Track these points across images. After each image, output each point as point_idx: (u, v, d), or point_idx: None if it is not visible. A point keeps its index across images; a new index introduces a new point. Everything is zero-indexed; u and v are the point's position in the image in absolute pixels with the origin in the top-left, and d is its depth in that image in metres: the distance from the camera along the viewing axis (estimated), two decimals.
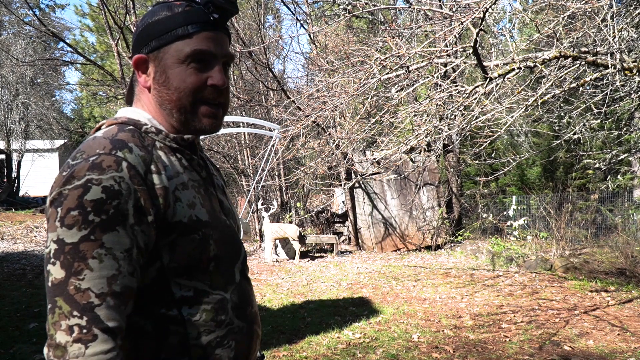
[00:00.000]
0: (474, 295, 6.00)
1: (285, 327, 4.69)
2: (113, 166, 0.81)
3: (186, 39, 0.91)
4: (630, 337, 4.29)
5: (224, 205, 1.04)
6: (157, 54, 0.93)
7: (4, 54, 15.83)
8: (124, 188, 0.80)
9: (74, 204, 0.78)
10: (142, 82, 0.95)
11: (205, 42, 0.92)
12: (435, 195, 10.80)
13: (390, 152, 5.26)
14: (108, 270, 0.79)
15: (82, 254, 0.78)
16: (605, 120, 6.71)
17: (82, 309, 0.77)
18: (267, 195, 12.67)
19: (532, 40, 4.44)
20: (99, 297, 0.78)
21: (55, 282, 0.78)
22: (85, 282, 0.77)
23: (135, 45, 0.96)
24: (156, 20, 0.93)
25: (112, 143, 0.84)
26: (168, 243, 0.87)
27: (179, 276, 0.89)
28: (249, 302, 1.02)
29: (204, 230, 0.91)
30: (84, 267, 0.77)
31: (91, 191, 0.78)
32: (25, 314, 5.10)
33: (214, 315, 0.91)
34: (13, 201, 16.14)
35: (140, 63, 0.94)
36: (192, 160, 0.97)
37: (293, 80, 14.40)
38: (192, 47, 0.91)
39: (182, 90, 0.92)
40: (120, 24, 10.44)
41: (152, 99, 0.96)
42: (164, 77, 0.93)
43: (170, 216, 0.87)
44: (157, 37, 0.92)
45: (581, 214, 9.76)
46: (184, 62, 0.91)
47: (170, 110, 0.94)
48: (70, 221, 0.78)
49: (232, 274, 0.98)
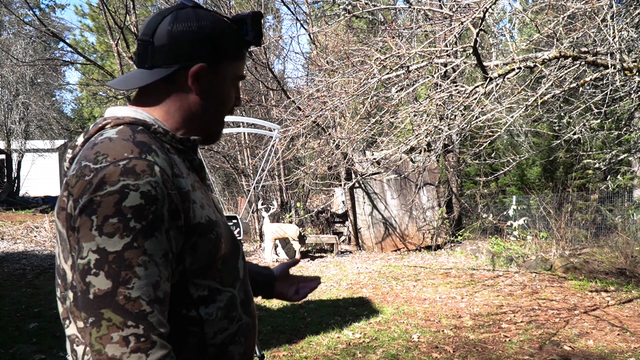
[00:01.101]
0: (474, 295, 6.00)
1: (285, 327, 4.69)
2: (147, 171, 0.79)
3: (240, 60, 0.99)
4: (630, 337, 4.29)
5: (216, 204, 1.05)
6: (216, 68, 0.95)
7: (4, 54, 15.83)
8: (159, 193, 0.79)
9: (112, 211, 0.76)
10: (196, 90, 0.95)
11: (244, 66, 1.02)
12: (435, 195, 10.81)
13: (390, 152, 5.26)
14: (152, 277, 0.78)
15: (128, 262, 0.76)
16: (605, 120, 6.71)
17: (135, 318, 0.75)
18: (267, 195, 12.68)
19: (532, 40, 4.44)
20: (149, 304, 0.76)
21: (99, 293, 0.75)
22: (135, 290, 0.76)
23: (183, 48, 0.92)
24: (220, 34, 0.94)
25: (138, 146, 0.82)
26: (190, 245, 0.87)
27: (196, 276, 0.89)
28: (251, 297, 1.04)
29: (217, 230, 0.91)
30: (132, 276, 0.76)
31: (129, 197, 0.76)
32: (25, 314, 5.10)
33: (227, 313, 0.92)
34: (13, 201, 16.14)
35: (199, 72, 0.93)
36: (194, 161, 0.98)
37: (293, 80, 14.42)
38: (242, 70, 1.01)
39: (225, 106, 1.00)
40: (120, 24, 10.44)
41: (194, 107, 0.96)
42: (216, 90, 0.97)
43: (192, 218, 0.86)
44: (223, 51, 0.95)
45: (581, 214, 9.76)
46: (234, 81, 0.99)
47: (210, 122, 1.00)
48: (110, 229, 0.75)
49: (237, 269, 0.99)
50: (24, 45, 16.50)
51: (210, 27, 0.94)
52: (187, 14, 0.93)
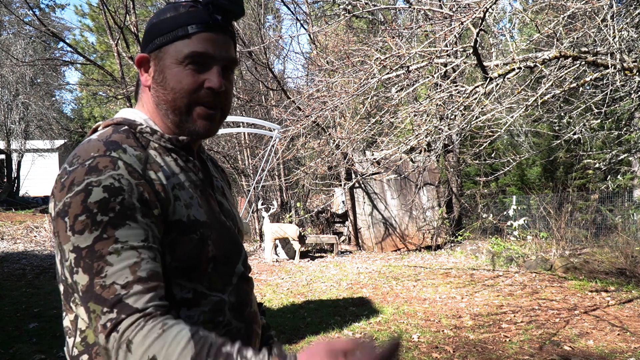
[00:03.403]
0: (474, 295, 6.00)
1: (285, 327, 4.69)
2: (109, 166, 0.81)
3: (185, 39, 0.90)
4: (630, 337, 4.29)
5: (224, 207, 1.03)
6: (158, 53, 0.93)
7: (4, 54, 15.83)
8: (124, 184, 0.80)
9: (80, 209, 0.78)
10: (143, 81, 0.96)
11: (204, 43, 0.91)
12: (435, 195, 10.80)
13: (390, 152, 5.26)
14: (128, 260, 0.78)
15: (99, 253, 0.77)
16: (605, 120, 6.71)
17: (111, 304, 0.76)
18: (267, 195, 12.67)
19: (532, 40, 4.44)
20: (125, 287, 0.77)
21: (83, 289, 0.78)
22: (109, 277, 0.77)
23: (141, 45, 0.97)
24: (161, 20, 0.93)
25: (106, 145, 0.84)
26: (169, 242, 0.87)
27: (180, 277, 0.89)
28: (248, 302, 1.01)
29: (202, 231, 0.90)
30: (103, 265, 0.77)
31: (93, 193, 0.78)
32: (25, 314, 5.10)
33: (211, 317, 0.91)
34: (13, 201, 16.14)
35: (142, 62, 0.94)
36: (189, 162, 0.97)
37: (293, 80, 14.41)
38: (191, 48, 0.90)
39: (177, 91, 0.91)
40: (120, 24, 10.45)
41: (151, 98, 0.96)
42: (161, 76, 0.92)
43: (171, 214, 0.87)
44: (159, 37, 0.92)
45: (581, 214, 9.76)
46: (182, 63, 0.91)
47: (166, 111, 0.94)
48: (80, 227, 0.78)
49: (230, 275, 0.98)
50: (23, 45, 16.50)
51: (156, 16, 0.94)
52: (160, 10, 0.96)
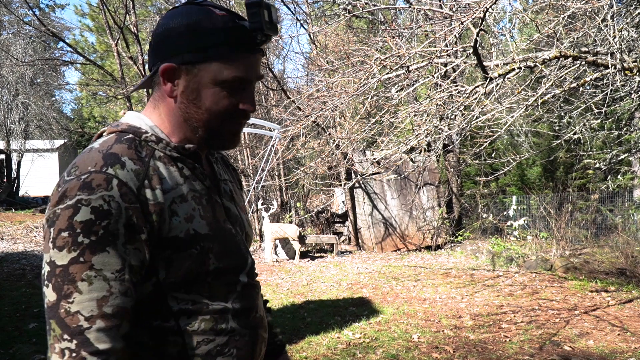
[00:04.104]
0: (474, 295, 6.00)
1: (285, 327, 4.69)
2: (103, 185, 0.78)
3: (227, 62, 0.86)
4: (630, 337, 4.29)
5: (231, 213, 1.00)
6: (191, 68, 0.87)
7: (4, 54, 15.82)
8: (113, 207, 0.78)
9: (65, 225, 0.77)
10: (168, 91, 0.89)
11: (246, 68, 0.88)
12: (435, 195, 10.80)
13: (390, 152, 5.26)
14: (98, 292, 0.77)
15: (72, 276, 0.77)
16: (605, 120, 6.71)
17: (71, 333, 0.76)
18: (267, 195, 12.67)
19: (532, 40, 4.44)
20: (88, 320, 0.76)
21: (49, 304, 0.78)
22: (75, 305, 0.76)
23: (159, 49, 0.89)
24: (193, 25, 0.85)
25: (104, 158, 0.82)
26: (164, 259, 0.85)
27: (176, 290, 0.87)
28: (253, 307, 0.99)
29: (203, 244, 0.88)
30: (73, 290, 0.76)
31: (80, 212, 0.77)
32: (25, 314, 5.09)
33: (213, 325, 0.89)
34: (13, 201, 16.13)
35: (169, 72, 0.87)
36: (195, 169, 0.93)
37: (293, 80, 14.42)
38: (233, 73, 0.87)
39: (213, 113, 0.89)
40: (120, 24, 10.44)
41: (176, 110, 0.91)
42: (195, 94, 0.88)
43: (165, 231, 0.84)
44: (194, 51, 0.86)
45: (581, 214, 9.76)
46: (220, 84, 0.87)
47: (196, 128, 0.91)
48: (60, 243, 0.77)
49: (235, 283, 0.95)
50: (23, 45, 16.49)
51: (185, 23, 0.86)
52: (175, 11, 0.89)
